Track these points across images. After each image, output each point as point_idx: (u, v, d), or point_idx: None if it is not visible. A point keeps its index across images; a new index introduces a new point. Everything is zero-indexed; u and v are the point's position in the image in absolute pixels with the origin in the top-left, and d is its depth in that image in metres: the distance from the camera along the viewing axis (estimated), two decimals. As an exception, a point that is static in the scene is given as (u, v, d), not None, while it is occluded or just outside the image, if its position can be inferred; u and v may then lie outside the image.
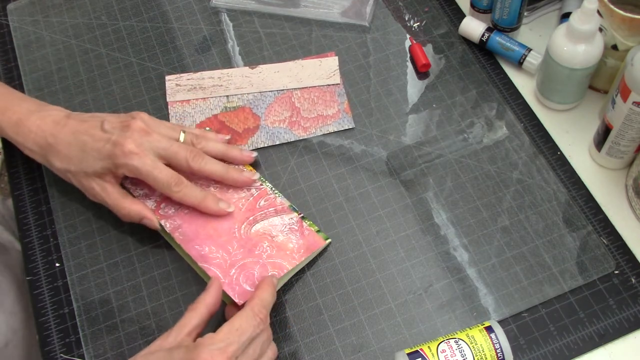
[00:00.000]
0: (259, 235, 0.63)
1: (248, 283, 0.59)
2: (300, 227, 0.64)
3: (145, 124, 0.62)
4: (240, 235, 0.63)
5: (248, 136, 0.71)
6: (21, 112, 0.64)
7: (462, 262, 0.63)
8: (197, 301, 0.55)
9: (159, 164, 0.61)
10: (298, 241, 0.63)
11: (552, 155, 0.69)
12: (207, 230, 0.63)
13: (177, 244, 0.63)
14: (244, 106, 0.73)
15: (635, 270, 0.62)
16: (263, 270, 0.60)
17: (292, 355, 0.60)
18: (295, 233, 0.63)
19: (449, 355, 0.54)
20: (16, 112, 0.64)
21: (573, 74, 0.66)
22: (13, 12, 0.83)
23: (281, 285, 0.62)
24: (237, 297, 0.58)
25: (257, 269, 0.60)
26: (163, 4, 0.83)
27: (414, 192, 0.68)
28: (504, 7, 0.72)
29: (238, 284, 0.59)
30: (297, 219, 0.65)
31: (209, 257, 0.61)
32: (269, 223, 0.64)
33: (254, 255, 0.61)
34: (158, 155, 0.61)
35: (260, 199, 0.65)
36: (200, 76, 0.75)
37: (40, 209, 0.69)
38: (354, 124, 0.72)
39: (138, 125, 0.61)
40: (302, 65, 0.76)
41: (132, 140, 0.60)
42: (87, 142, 0.61)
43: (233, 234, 0.63)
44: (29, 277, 0.65)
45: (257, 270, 0.60)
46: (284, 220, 0.64)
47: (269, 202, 0.65)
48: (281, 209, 0.65)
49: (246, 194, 0.65)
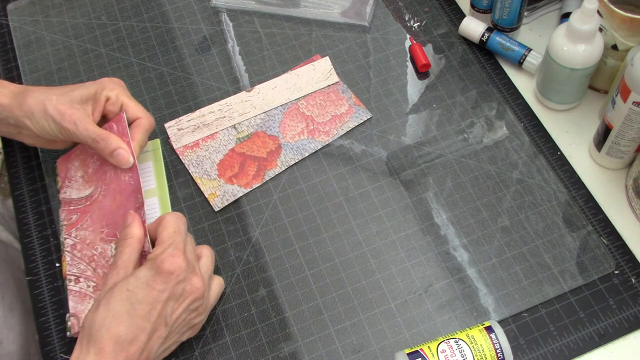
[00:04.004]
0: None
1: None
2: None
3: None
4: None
5: (275, 158, 0.70)
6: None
7: (462, 262, 0.63)
8: (128, 236, 0.58)
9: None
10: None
11: (552, 155, 0.69)
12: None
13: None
14: (256, 132, 0.71)
15: (635, 270, 0.62)
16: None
17: (292, 355, 0.60)
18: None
19: (449, 355, 0.54)
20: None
21: (573, 74, 0.66)
22: (13, 12, 0.83)
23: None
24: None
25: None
26: (163, 4, 0.83)
27: (414, 192, 0.68)
28: (504, 7, 0.72)
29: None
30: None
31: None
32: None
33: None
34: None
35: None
36: (200, 114, 0.73)
37: (40, 209, 0.69)
38: (370, 113, 0.72)
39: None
40: (297, 74, 0.75)
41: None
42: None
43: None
44: (29, 277, 0.65)
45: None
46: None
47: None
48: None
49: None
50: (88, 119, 0.64)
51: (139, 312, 0.52)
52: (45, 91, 0.65)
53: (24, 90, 0.65)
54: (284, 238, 0.66)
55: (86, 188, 0.67)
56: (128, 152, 0.64)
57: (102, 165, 0.66)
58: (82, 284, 0.63)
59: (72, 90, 0.65)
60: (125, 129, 0.65)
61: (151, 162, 0.71)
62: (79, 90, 0.65)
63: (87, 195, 0.66)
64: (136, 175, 0.63)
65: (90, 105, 0.65)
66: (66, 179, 0.69)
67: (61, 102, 0.63)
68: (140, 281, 0.53)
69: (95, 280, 0.62)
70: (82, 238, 0.65)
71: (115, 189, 0.65)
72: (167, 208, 0.68)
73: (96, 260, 0.63)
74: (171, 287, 0.53)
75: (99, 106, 0.65)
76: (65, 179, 0.69)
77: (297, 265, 0.64)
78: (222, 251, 0.65)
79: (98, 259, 0.63)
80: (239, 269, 0.64)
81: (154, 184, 0.69)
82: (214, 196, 0.68)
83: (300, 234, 0.66)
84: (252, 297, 0.63)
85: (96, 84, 0.66)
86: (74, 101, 0.64)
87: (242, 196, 0.68)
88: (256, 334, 0.61)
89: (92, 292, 0.62)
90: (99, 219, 0.65)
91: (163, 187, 0.69)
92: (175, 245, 0.55)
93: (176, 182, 0.70)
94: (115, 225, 0.63)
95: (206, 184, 0.69)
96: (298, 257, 0.64)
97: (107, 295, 0.53)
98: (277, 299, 0.62)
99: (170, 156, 0.71)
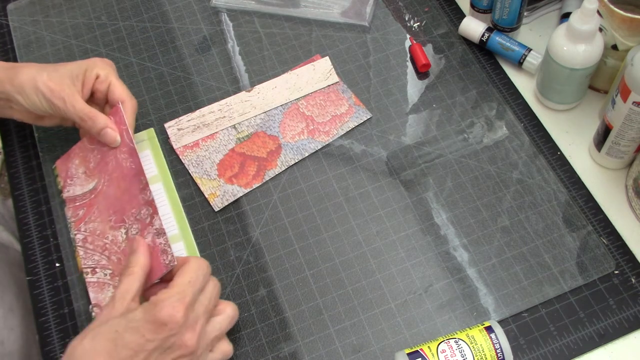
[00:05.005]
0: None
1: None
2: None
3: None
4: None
5: (275, 158, 0.70)
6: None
7: (462, 262, 0.63)
8: (132, 265, 0.55)
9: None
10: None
11: (552, 155, 0.69)
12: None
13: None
14: (256, 132, 0.72)
15: (635, 270, 0.62)
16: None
17: (292, 355, 0.60)
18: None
19: (449, 355, 0.54)
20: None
21: (573, 74, 0.66)
22: (13, 12, 0.83)
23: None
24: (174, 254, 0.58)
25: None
26: (163, 4, 0.83)
27: (414, 192, 0.68)
28: (504, 7, 0.72)
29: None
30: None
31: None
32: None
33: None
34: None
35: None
36: (200, 114, 0.73)
37: (40, 209, 0.69)
38: (370, 113, 0.72)
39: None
40: (297, 74, 0.75)
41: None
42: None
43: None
44: (29, 277, 0.65)
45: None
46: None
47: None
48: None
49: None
50: (77, 95, 0.65)
51: (120, 355, 0.50)
52: (36, 67, 0.65)
53: (14, 66, 0.66)
54: (284, 238, 0.66)
55: (89, 182, 0.67)
56: (115, 130, 0.65)
57: (104, 157, 0.67)
58: (98, 274, 0.63)
59: (63, 66, 0.66)
60: (122, 117, 0.66)
61: (149, 150, 0.71)
62: (69, 66, 0.66)
63: (91, 189, 0.67)
64: (136, 159, 0.64)
65: (79, 81, 0.66)
66: (67, 178, 0.69)
67: (51, 78, 0.64)
68: (131, 324, 0.51)
69: (111, 267, 0.63)
70: (92, 230, 0.65)
71: (118, 176, 0.65)
72: (172, 191, 0.69)
73: (109, 249, 0.63)
74: (160, 339, 0.51)
75: (88, 83, 0.66)
76: (67, 178, 0.69)
77: (297, 265, 0.64)
78: (222, 251, 0.65)
79: (110, 247, 0.63)
80: (239, 269, 0.64)
81: (155, 171, 0.70)
82: (214, 196, 0.68)
83: (300, 234, 0.66)
84: (252, 297, 0.63)
85: (87, 62, 0.67)
86: (63, 77, 0.65)
87: (242, 196, 0.68)
88: (256, 334, 0.61)
89: (109, 279, 0.63)
90: (105, 209, 0.65)
91: (165, 172, 0.70)
92: (181, 296, 0.52)
93: (176, 182, 0.70)
94: (122, 210, 0.64)
95: (206, 184, 0.69)
96: (298, 257, 0.64)
97: (96, 329, 0.52)
98: (277, 299, 0.62)
99: (170, 156, 0.71)
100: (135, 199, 0.63)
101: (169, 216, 0.67)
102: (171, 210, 0.68)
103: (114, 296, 0.54)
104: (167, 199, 0.68)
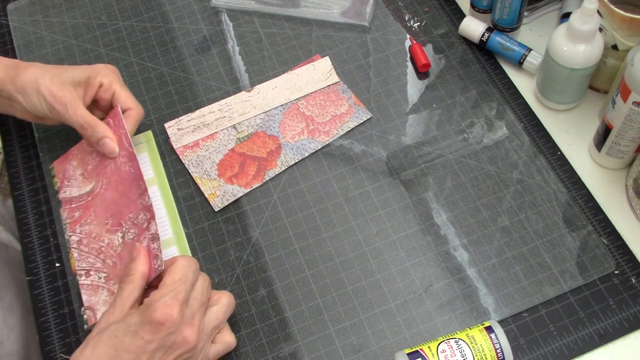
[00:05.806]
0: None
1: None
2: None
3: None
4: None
5: (275, 158, 0.70)
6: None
7: (462, 262, 0.63)
8: (131, 272, 0.55)
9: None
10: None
11: (552, 155, 0.69)
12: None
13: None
14: (256, 132, 0.71)
15: (635, 270, 0.62)
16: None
17: (292, 355, 0.60)
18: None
19: (449, 355, 0.54)
20: None
21: (573, 74, 0.66)
22: (13, 12, 0.83)
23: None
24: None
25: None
26: (163, 4, 0.83)
27: (414, 192, 0.68)
28: (504, 7, 0.72)
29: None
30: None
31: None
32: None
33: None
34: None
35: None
36: (200, 114, 0.73)
37: (40, 209, 0.69)
38: (370, 113, 0.72)
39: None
40: (297, 74, 0.75)
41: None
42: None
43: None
44: (29, 277, 0.65)
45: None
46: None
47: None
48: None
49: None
50: (79, 102, 0.65)
51: (122, 359, 0.50)
52: (39, 69, 0.65)
53: (17, 65, 0.65)
54: (284, 238, 0.66)
55: (86, 184, 0.67)
56: (114, 141, 0.65)
57: (103, 160, 0.67)
58: (92, 276, 0.63)
59: (66, 71, 0.65)
60: (120, 121, 0.66)
61: (146, 153, 0.71)
62: (72, 72, 0.65)
63: (89, 191, 0.67)
64: (136, 163, 0.64)
65: (82, 88, 0.65)
66: (65, 179, 0.69)
67: (54, 82, 0.64)
68: (129, 329, 0.51)
69: (105, 270, 0.63)
70: (88, 232, 0.65)
71: (117, 180, 0.65)
72: (167, 194, 0.68)
73: (104, 252, 0.63)
74: (160, 339, 0.51)
75: (91, 90, 0.66)
76: (64, 179, 0.69)
77: (297, 265, 0.64)
78: (222, 251, 0.65)
79: (106, 250, 0.63)
80: (239, 269, 0.64)
81: (152, 173, 0.70)
82: (214, 196, 0.68)
83: (300, 234, 0.66)
84: (252, 297, 0.63)
85: (90, 68, 0.66)
86: (66, 83, 0.64)
87: (242, 196, 0.68)
88: (256, 334, 0.61)
89: (103, 282, 0.62)
90: (102, 212, 0.65)
91: (161, 175, 0.70)
92: (174, 294, 0.52)
93: (176, 182, 0.70)
94: (119, 214, 0.64)
95: (206, 184, 0.69)
96: (298, 257, 0.64)
97: (97, 336, 0.52)
98: (277, 299, 0.62)
99: (170, 156, 0.71)
100: (134, 203, 0.63)
101: (163, 220, 0.67)
102: (166, 214, 0.67)
103: (114, 303, 0.54)
104: (162, 203, 0.68)
